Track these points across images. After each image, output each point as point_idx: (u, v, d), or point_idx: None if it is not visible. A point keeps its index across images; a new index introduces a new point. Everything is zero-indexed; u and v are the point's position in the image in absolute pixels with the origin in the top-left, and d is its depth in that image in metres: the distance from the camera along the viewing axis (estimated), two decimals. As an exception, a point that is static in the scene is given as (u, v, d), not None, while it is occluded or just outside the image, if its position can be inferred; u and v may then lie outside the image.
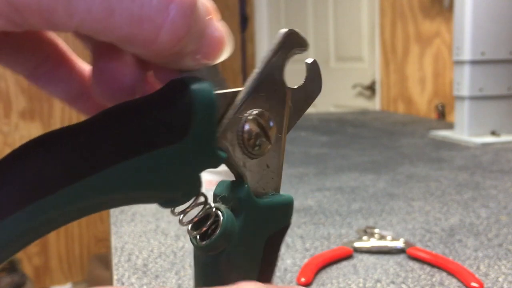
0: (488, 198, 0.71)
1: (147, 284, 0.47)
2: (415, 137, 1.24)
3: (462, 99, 1.15)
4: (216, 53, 0.19)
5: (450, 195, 0.73)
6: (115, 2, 0.15)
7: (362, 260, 0.52)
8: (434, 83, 1.79)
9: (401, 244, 0.53)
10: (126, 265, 0.51)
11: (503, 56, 1.13)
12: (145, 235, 0.59)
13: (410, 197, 0.73)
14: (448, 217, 0.64)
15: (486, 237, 0.57)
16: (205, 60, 0.19)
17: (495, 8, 1.11)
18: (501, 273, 0.48)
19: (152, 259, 0.53)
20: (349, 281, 0.47)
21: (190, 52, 0.18)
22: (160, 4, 0.16)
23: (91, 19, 0.15)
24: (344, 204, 0.70)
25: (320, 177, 0.86)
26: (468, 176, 0.84)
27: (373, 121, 1.58)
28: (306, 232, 0.60)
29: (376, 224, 0.61)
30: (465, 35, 1.12)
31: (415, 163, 0.95)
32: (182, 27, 0.16)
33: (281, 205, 0.21)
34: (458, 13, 1.15)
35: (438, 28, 1.74)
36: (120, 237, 0.59)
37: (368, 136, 1.31)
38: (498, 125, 1.15)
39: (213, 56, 0.19)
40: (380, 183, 0.81)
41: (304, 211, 0.67)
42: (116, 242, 0.57)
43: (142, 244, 0.57)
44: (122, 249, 0.56)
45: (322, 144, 1.18)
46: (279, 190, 0.22)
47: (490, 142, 1.10)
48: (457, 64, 1.16)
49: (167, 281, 0.48)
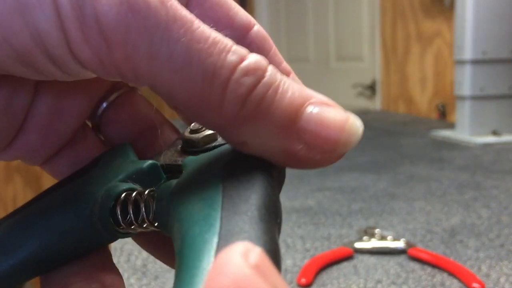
0: (489, 198, 0.71)
1: (146, 285, 0.47)
2: (415, 137, 1.24)
3: (463, 98, 1.14)
4: (329, 142, 0.15)
5: (451, 195, 0.73)
6: (195, 50, 0.14)
7: (362, 261, 0.51)
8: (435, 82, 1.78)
9: (402, 245, 0.53)
10: (126, 265, 0.51)
11: (504, 55, 1.13)
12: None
13: (411, 197, 0.73)
14: (449, 218, 0.63)
15: (487, 237, 0.56)
16: (316, 152, 0.15)
17: (496, 7, 1.11)
18: (502, 273, 0.47)
19: (152, 259, 0.52)
20: (349, 282, 0.47)
21: (278, 135, 0.15)
22: (235, 59, 0.15)
23: (169, 67, 0.14)
24: (345, 204, 0.70)
25: (320, 177, 0.86)
26: (469, 176, 0.83)
27: (374, 121, 1.58)
28: (306, 232, 0.59)
29: (377, 225, 0.61)
30: (466, 34, 1.11)
31: (415, 163, 0.95)
32: (250, 84, 0.15)
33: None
34: (459, 12, 1.15)
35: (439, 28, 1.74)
36: (119, 238, 0.59)
37: (368, 136, 1.30)
38: (499, 125, 1.15)
39: (326, 147, 0.15)
40: (381, 183, 0.80)
41: (304, 211, 0.67)
42: (116, 243, 0.57)
43: (141, 244, 0.57)
44: (122, 249, 0.55)
45: (322, 144, 1.18)
46: None
47: (491, 142, 1.09)
48: (458, 64, 1.16)
49: (166, 281, 0.47)
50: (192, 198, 0.16)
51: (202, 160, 0.18)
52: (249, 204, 0.15)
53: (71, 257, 0.18)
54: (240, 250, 0.11)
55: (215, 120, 0.15)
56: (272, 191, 0.16)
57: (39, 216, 0.18)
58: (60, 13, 0.14)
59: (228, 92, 0.15)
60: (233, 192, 0.16)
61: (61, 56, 0.14)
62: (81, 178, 0.19)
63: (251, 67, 0.15)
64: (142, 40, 0.14)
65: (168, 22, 0.14)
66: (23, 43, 0.14)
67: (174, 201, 0.17)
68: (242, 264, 0.10)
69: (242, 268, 0.10)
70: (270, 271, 0.11)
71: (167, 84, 0.15)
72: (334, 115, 0.15)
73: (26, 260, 0.17)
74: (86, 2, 0.14)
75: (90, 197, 0.18)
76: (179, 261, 0.15)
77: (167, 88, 0.15)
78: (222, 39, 0.15)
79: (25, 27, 0.14)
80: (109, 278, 0.19)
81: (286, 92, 0.15)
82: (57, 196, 0.19)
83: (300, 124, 0.15)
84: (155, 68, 0.14)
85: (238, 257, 0.11)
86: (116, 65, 0.14)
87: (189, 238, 0.15)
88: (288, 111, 0.15)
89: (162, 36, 0.14)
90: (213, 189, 0.16)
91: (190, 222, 0.15)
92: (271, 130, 0.15)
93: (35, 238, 0.18)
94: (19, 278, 0.18)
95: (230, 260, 0.10)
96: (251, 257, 0.11)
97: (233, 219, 0.15)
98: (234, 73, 0.15)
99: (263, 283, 0.10)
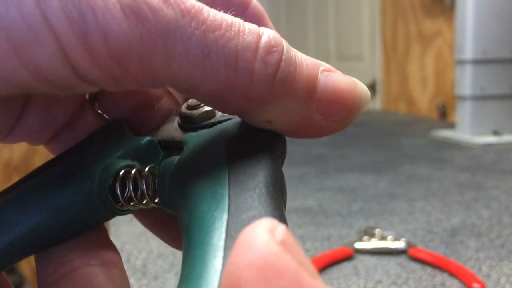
0: (490, 198, 0.71)
1: (146, 285, 0.47)
2: (416, 137, 1.24)
3: (464, 98, 1.14)
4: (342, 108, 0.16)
5: (451, 195, 0.73)
6: (210, 41, 0.14)
7: (362, 261, 0.51)
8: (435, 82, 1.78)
9: (402, 245, 0.53)
10: (126, 265, 0.51)
11: (505, 55, 1.12)
12: (144, 235, 0.59)
13: (411, 197, 0.72)
14: (450, 218, 0.63)
15: (488, 237, 0.56)
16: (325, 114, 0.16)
17: (497, 7, 1.11)
18: (503, 274, 0.47)
19: (152, 259, 0.52)
20: (349, 282, 0.47)
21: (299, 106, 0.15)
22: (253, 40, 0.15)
23: (188, 63, 0.14)
24: (345, 204, 0.70)
25: (320, 177, 0.85)
26: (470, 176, 0.83)
27: (374, 121, 1.58)
28: (306, 232, 0.59)
29: (377, 225, 0.61)
30: (467, 34, 1.11)
31: (416, 163, 0.95)
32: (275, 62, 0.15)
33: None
34: (459, 12, 1.14)
35: (439, 27, 1.74)
36: (119, 238, 0.59)
37: (369, 136, 1.30)
38: (499, 124, 1.14)
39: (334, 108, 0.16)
40: (381, 184, 0.80)
41: (304, 212, 0.67)
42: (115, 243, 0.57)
43: (141, 244, 0.57)
44: (121, 249, 0.55)
45: (322, 144, 1.18)
46: None
47: (492, 142, 1.09)
48: (459, 63, 1.15)
49: (166, 282, 0.47)
50: (198, 175, 0.16)
51: (203, 137, 0.17)
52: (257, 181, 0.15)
53: (68, 234, 0.18)
54: (265, 226, 0.11)
55: (242, 105, 0.15)
56: (277, 167, 0.16)
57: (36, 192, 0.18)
58: (63, 45, 0.13)
59: (256, 74, 0.15)
60: (238, 169, 0.16)
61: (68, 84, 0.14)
62: (77, 155, 0.19)
63: (272, 44, 0.15)
64: (156, 45, 0.14)
65: (177, 20, 0.14)
66: (22, 80, 0.13)
67: (178, 178, 0.17)
68: (270, 240, 0.10)
69: (270, 245, 0.10)
70: (296, 247, 0.11)
71: (188, 80, 0.15)
72: (344, 82, 0.16)
73: (23, 237, 0.17)
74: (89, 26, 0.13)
75: (88, 174, 0.18)
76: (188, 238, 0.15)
77: (189, 84, 0.15)
78: (233, 21, 0.15)
79: (23, 66, 0.13)
80: (107, 254, 0.19)
81: (302, 65, 0.15)
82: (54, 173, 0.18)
83: (317, 94, 0.15)
84: (174, 68, 0.14)
85: (265, 233, 0.10)
86: (134, 78, 0.14)
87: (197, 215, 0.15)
88: (307, 84, 0.15)
89: (175, 35, 0.14)
90: (218, 166, 0.16)
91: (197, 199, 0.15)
92: (294, 105, 0.15)
93: (33, 215, 0.17)
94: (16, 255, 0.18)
95: (256, 236, 0.10)
96: (277, 234, 0.10)
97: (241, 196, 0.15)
98: (257, 53, 0.15)
99: (291, 260, 0.10)
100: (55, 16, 0.13)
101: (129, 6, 0.13)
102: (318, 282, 0.10)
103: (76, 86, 0.14)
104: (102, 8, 0.13)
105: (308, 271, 0.10)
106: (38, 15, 0.13)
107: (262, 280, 0.10)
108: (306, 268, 0.10)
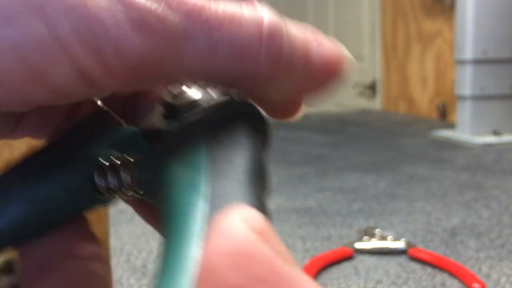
0: (490, 198, 0.71)
1: (146, 285, 0.47)
2: (416, 137, 1.24)
3: (464, 98, 1.14)
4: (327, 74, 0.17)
5: (451, 195, 0.73)
6: (216, 38, 0.15)
7: (363, 261, 0.51)
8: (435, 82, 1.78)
9: (402, 245, 0.53)
10: (125, 266, 0.51)
11: (505, 55, 1.12)
12: (144, 235, 0.59)
13: (411, 197, 0.72)
14: (450, 218, 0.63)
15: (488, 237, 0.56)
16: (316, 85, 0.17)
17: (497, 7, 1.11)
18: (503, 274, 0.47)
19: (152, 259, 0.52)
20: (349, 282, 0.47)
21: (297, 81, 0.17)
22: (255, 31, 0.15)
23: (197, 60, 0.15)
24: (345, 204, 0.70)
25: (320, 177, 0.85)
26: (470, 177, 0.83)
27: (374, 121, 1.58)
28: (306, 232, 0.59)
29: (377, 225, 0.61)
30: (467, 34, 1.11)
31: (416, 163, 0.95)
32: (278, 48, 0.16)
33: None
34: (459, 12, 1.14)
35: (439, 27, 1.74)
36: (119, 238, 0.59)
37: (369, 136, 1.30)
38: (499, 124, 1.14)
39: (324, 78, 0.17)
40: (381, 184, 0.80)
41: (304, 212, 0.67)
42: (115, 243, 0.57)
43: (141, 244, 0.57)
44: (121, 249, 0.55)
45: (322, 144, 1.18)
46: None
47: (492, 142, 1.09)
48: (459, 63, 1.15)
49: (166, 282, 0.47)
50: (177, 163, 0.16)
51: (184, 125, 0.17)
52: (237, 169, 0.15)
53: (50, 225, 0.18)
54: (241, 214, 0.10)
55: (249, 88, 0.16)
56: (259, 154, 0.16)
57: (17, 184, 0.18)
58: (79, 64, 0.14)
59: (261, 61, 0.15)
60: (219, 156, 0.15)
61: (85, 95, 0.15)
62: (59, 146, 0.19)
63: (273, 31, 0.16)
64: (168, 52, 0.14)
65: (183, 23, 0.14)
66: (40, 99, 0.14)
67: (157, 167, 0.17)
68: (244, 228, 0.10)
69: (245, 232, 0.10)
70: (271, 235, 0.10)
71: (198, 75, 0.15)
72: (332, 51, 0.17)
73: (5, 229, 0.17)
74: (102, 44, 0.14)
75: (70, 165, 0.18)
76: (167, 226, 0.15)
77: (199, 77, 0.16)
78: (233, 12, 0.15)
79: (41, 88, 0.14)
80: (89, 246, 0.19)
81: (298, 43, 0.16)
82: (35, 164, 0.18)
83: (312, 67, 0.16)
84: (185, 67, 0.15)
85: (240, 221, 0.10)
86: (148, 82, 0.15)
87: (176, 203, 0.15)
88: (304, 61, 0.16)
89: (183, 38, 0.14)
90: (198, 154, 0.16)
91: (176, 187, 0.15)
92: (295, 81, 0.16)
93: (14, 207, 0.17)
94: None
95: (231, 224, 0.10)
96: (253, 221, 0.10)
97: (221, 184, 0.14)
98: (261, 43, 0.15)
99: (267, 248, 0.10)
100: (68, 39, 0.13)
101: (138, 20, 0.14)
102: (295, 270, 0.10)
103: (92, 95, 0.15)
104: (113, 25, 0.14)
105: (284, 259, 0.10)
106: (52, 39, 0.13)
107: (237, 268, 0.10)
108: (282, 256, 0.10)
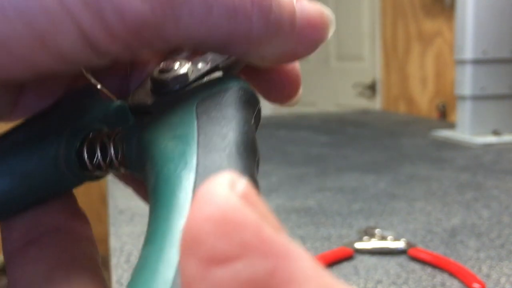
0: (490, 198, 0.71)
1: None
2: (416, 137, 1.24)
3: (464, 98, 1.14)
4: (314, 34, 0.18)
5: (451, 195, 0.73)
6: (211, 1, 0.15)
7: (362, 261, 0.51)
8: (435, 82, 1.78)
9: (402, 245, 0.53)
10: (126, 265, 0.51)
11: (505, 55, 1.12)
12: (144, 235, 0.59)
13: (411, 197, 0.72)
14: (450, 218, 0.63)
15: (488, 237, 0.56)
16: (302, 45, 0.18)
17: (497, 7, 1.11)
18: (503, 274, 0.47)
19: (151, 260, 0.52)
20: (349, 282, 0.47)
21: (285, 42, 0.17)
22: None
23: (193, 22, 0.15)
24: (345, 204, 0.70)
25: (320, 177, 0.85)
26: (470, 177, 0.83)
27: (374, 121, 1.58)
28: (306, 232, 0.59)
29: (377, 225, 0.61)
30: (467, 34, 1.11)
31: (416, 163, 0.95)
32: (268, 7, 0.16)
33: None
34: (459, 12, 1.14)
35: (439, 27, 1.74)
36: (119, 238, 0.59)
37: (368, 136, 1.30)
38: (500, 124, 1.14)
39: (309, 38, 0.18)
40: (381, 184, 0.80)
41: (304, 211, 0.67)
42: (115, 243, 0.57)
43: (141, 244, 0.56)
44: (121, 249, 0.55)
45: (322, 144, 1.18)
46: None
47: (492, 142, 1.09)
48: (459, 63, 1.15)
49: (166, 282, 0.47)
50: (166, 136, 0.16)
51: (173, 100, 0.17)
52: (227, 141, 0.15)
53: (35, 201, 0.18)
54: (225, 180, 0.10)
55: (242, 49, 0.17)
56: (249, 128, 0.16)
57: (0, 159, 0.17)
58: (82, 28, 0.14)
59: (254, 21, 0.16)
60: (208, 129, 0.15)
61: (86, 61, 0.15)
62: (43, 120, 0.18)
63: None
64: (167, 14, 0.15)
65: None
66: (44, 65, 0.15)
67: (145, 141, 0.16)
68: (229, 193, 0.10)
69: (229, 198, 0.10)
70: (257, 201, 0.10)
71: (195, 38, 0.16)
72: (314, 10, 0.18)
73: None
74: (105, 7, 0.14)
75: (54, 139, 0.18)
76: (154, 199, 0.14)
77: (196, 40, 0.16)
78: None
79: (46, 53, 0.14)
80: (75, 222, 0.19)
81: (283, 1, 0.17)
82: (19, 137, 0.18)
83: (297, 27, 0.17)
84: (182, 30, 0.15)
85: (224, 186, 0.10)
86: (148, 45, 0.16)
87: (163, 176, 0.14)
88: (289, 20, 0.17)
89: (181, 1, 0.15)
90: (187, 127, 0.16)
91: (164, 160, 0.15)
92: (282, 40, 0.17)
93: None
94: None
95: (215, 189, 0.10)
96: (238, 187, 0.10)
97: (210, 156, 0.14)
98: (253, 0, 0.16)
99: (252, 213, 0.10)
100: (71, 2, 0.14)
101: None
102: (281, 235, 0.10)
103: (93, 61, 0.15)
104: None
105: (270, 224, 0.10)
106: (56, 2, 0.14)
107: (221, 234, 0.09)
108: (269, 222, 0.10)
